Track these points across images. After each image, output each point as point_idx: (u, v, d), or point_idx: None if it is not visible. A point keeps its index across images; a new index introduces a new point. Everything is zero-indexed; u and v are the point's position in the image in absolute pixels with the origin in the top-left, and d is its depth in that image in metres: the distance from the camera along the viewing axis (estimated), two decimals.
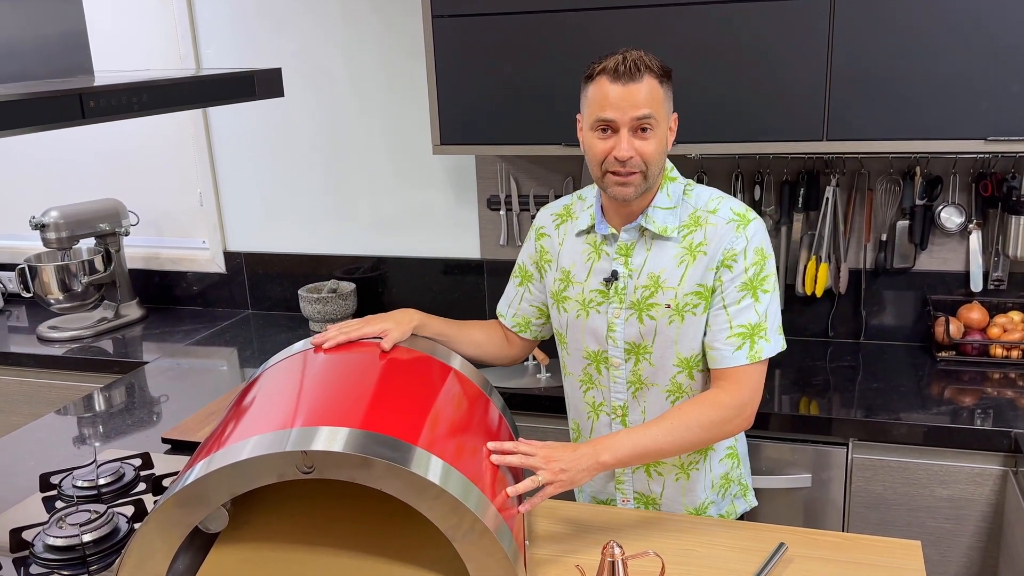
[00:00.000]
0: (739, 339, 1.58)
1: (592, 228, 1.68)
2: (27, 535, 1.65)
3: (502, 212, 2.80)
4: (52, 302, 2.95)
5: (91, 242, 3.08)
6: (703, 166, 2.56)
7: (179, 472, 1.39)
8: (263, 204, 3.10)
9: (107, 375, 2.73)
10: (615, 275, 1.64)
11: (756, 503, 1.85)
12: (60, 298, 2.94)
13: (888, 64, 2.08)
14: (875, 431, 2.06)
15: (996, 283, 2.44)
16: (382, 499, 1.49)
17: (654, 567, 1.46)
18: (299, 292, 2.88)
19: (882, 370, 2.36)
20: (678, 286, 1.60)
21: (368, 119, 2.89)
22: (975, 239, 2.41)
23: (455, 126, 2.43)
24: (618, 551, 1.28)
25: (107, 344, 2.89)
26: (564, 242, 1.73)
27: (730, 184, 2.54)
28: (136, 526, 1.68)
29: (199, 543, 1.38)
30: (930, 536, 2.11)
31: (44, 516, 1.75)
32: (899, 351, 2.50)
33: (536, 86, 2.32)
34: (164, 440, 2.13)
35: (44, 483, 1.85)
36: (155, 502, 1.54)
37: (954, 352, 2.39)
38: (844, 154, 2.42)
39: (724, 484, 1.77)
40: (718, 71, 2.18)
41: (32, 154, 3.33)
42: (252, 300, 3.20)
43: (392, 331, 1.59)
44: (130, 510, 1.75)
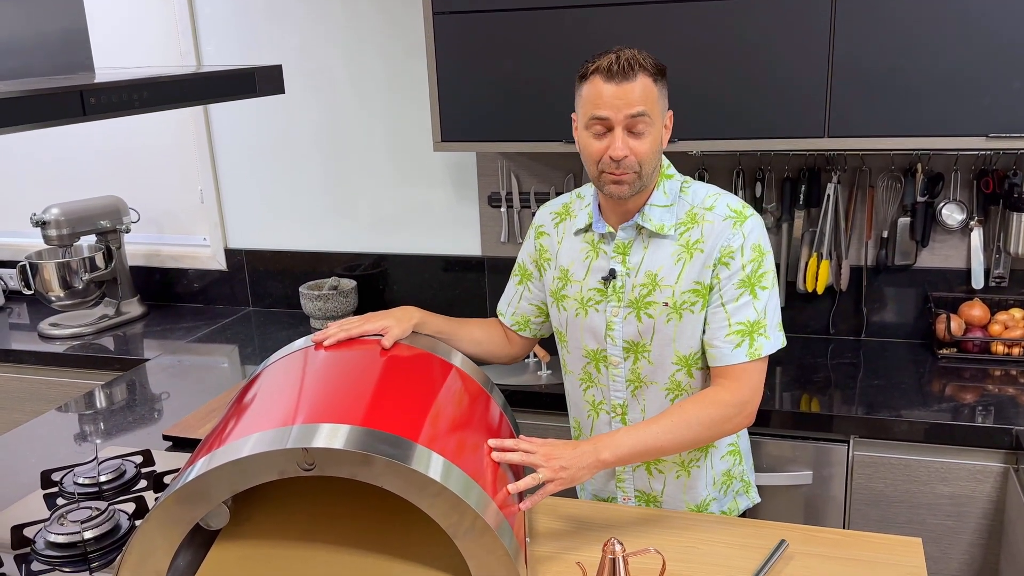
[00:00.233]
0: (738, 336, 1.57)
1: (590, 227, 1.68)
2: (28, 532, 1.65)
3: (503, 209, 2.80)
4: (53, 299, 2.95)
5: (92, 239, 3.08)
6: (704, 163, 2.56)
7: (180, 469, 1.39)
8: (264, 201, 3.10)
9: (108, 372, 2.73)
10: (613, 274, 1.64)
11: (759, 500, 1.85)
12: (61, 295, 2.94)
13: (889, 60, 2.08)
14: (876, 428, 2.06)
15: (997, 280, 2.44)
16: (383, 496, 1.49)
17: (655, 564, 1.46)
18: (300, 289, 2.88)
19: (883, 367, 2.36)
20: (675, 284, 1.60)
21: (369, 116, 2.89)
22: (976, 236, 2.41)
23: (456, 123, 2.42)
24: (619, 548, 1.28)
25: (108, 341, 2.89)
26: (563, 240, 1.73)
27: (731, 181, 2.54)
28: (137, 523, 1.69)
29: (200, 540, 1.38)
30: (931, 533, 2.11)
31: (45, 513, 1.75)
32: (900, 348, 2.50)
33: (537, 83, 2.32)
34: (165, 437, 2.13)
35: (45, 480, 1.86)
36: (156, 499, 1.54)
37: (955, 349, 2.39)
38: (845, 151, 2.42)
39: (726, 481, 1.77)
40: (719, 68, 2.18)
41: (33, 151, 3.33)
42: (253, 297, 3.20)
43: (393, 328, 1.59)
44: (131, 507, 1.75)
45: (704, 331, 1.62)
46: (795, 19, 2.10)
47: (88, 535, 1.62)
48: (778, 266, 2.53)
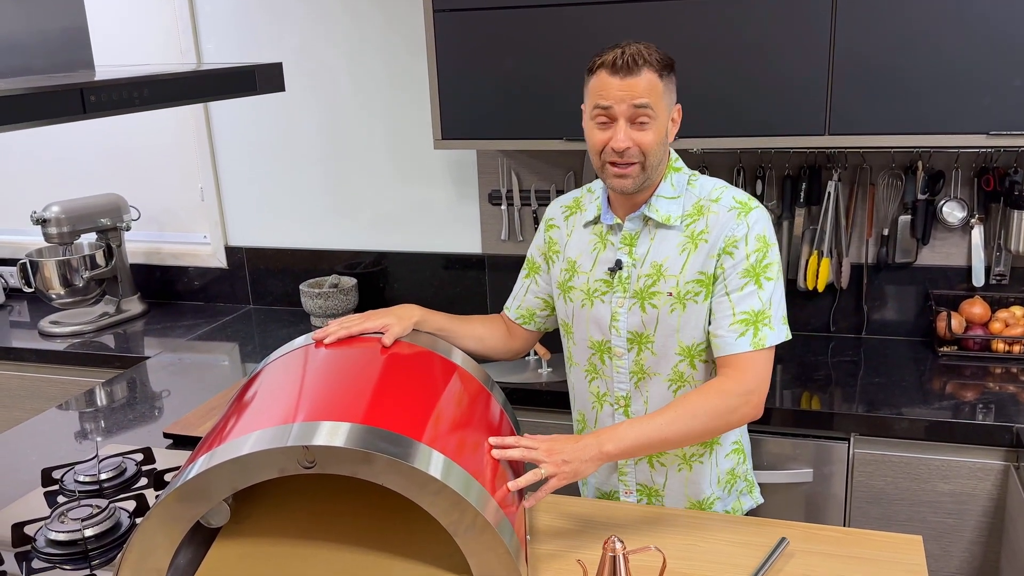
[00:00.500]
0: (742, 326, 1.56)
1: (598, 219, 1.70)
2: (29, 530, 1.65)
3: (503, 207, 2.80)
4: (53, 297, 2.95)
5: (92, 237, 3.08)
6: (704, 161, 2.56)
7: (181, 467, 1.39)
8: (264, 199, 3.09)
9: (108, 370, 2.73)
10: (619, 264, 1.65)
11: (762, 500, 1.85)
12: (61, 293, 2.94)
13: (890, 58, 2.08)
14: (876, 426, 2.06)
15: (998, 278, 2.44)
16: (383, 494, 1.49)
17: (655, 562, 1.46)
18: (300, 287, 2.88)
19: (884, 365, 2.36)
20: (680, 274, 1.61)
21: (369, 114, 2.89)
22: (977, 234, 2.41)
23: (456, 121, 2.42)
24: (619, 546, 1.28)
25: (108, 339, 2.89)
26: (572, 233, 1.75)
27: (732, 179, 2.54)
28: (138, 521, 1.69)
29: (201, 538, 1.38)
30: (932, 531, 2.11)
31: (46, 511, 1.75)
32: (901, 346, 2.49)
33: (537, 81, 2.32)
34: (166, 435, 2.13)
35: (46, 478, 1.86)
36: (157, 497, 1.54)
37: (956, 347, 2.39)
38: (846, 148, 2.42)
39: (730, 480, 1.77)
40: (719, 66, 2.18)
41: (33, 149, 3.33)
42: (253, 295, 3.20)
43: (393, 326, 1.59)
44: (132, 505, 1.75)
45: (709, 322, 1.62)
46: (796, 17, 2.10)
47: (89, 533, 1.62)
48: None
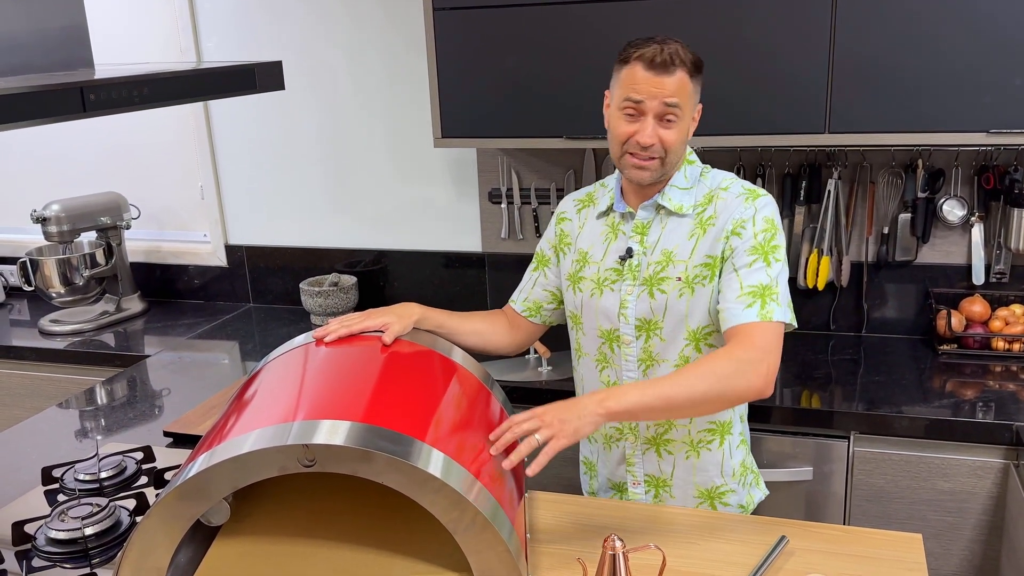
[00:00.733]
0: (750, 298, 1.56)
1: (611, 208, 1.73)
2: (29, 528, 1.65)
3: (503, 205, 2.80)
4: (53, 296, 2.95)
5: (92, 235, 3.08)
6: (705, 159, 2.56)
7: (181, 465, 1.39)
8: (264, 197, 3.09)
9: (109, 368, 2.73)
10: (630, 252, 1.67)
11: (768, 492, 1.86)
12: (61, 291, 2.94)
13: (890, 57, 2.08)
14: (876, 424, 2.06)
15: (998, 276, 2.44)
16: (383, 493, 1.49)
17: (655, 560, 1.46)
18: (300, 286, 2.88)
19: (884, 363, 2.36)
20: (688, 259, 1.63)
21: (369, 112, 2.89)
22: (977, 232, 2.41)
23: (456, 119, 2.42)
24: (619, 544, 1.28)
25: (109, 337, 2.89)
26: (584, 225, 1.78)
27: None
28: (138, 519, 1.69)
29: (201, 536, 1.38)
30: (931, 529, 2.11)
31: (46, 509, 1.75)
32: (901, 344, 2.49)
33: (538, 79, 2.32)
34: (166, 433, 2.13)
35: (46, 476, 1.86)
36: (157, 495, 1.54)
37: (956, 345, 2.39)
38: (846, 147, 2.42)
39: (743, 472, 1.79)
40: (720, 64, 2.17)
41: (33, 147, 3.33)
42: (253, 293, 3.20)
43: (393, 325, 1.60)
44: (132, 503, 1.75)
45: (717, 301, 1.63)
46: (796, 15, 2.10)
47: (89, 531, 1.62)
48: None
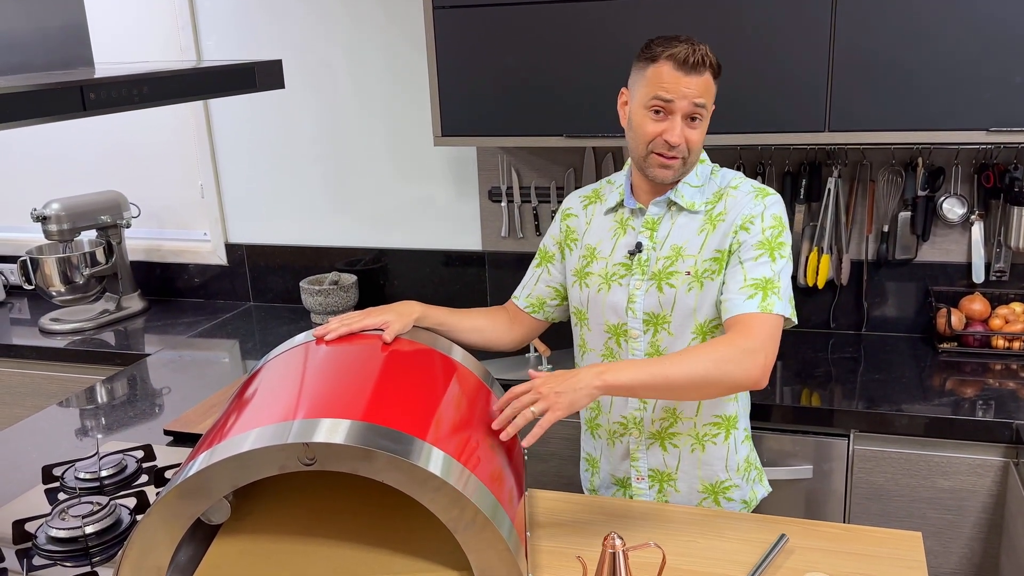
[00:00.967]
0: (752, 290, 1.58)
1: (620, 204, 1.73)
2: (30, 527, 1.66)
3: (503, 204, 2.80)
4: (54, 294, 2.95)
5: (92, 234, 3.08)
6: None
7: (181, 464, 1.39)
8: (264, 196, 3.09)
9: (109, 367, 2.73)
10: (639, 247, 1.68)
11: (771, 489, 1.87)
12: (62, 290, 2.94)
13: (890, 55, 2.08)
14: (876, 422, 2.06)
15: (998, 274, 2.44)
16: (383, 491, 1.50)
17: (655, 559, 1.47)
18: (300, 284, 2.88)
19: (884, 361, 2.36)
20: (698, 253, 1.65)
21: (369, 111, 2.89)
22: (977, 230, 2.41)
23: (456, 118, 2.42)
24: (619, 542, 1.28)
25: (109, 336, 2.89)
26: (591, 221, 1.78)
27: None
28: (138, 518, 1.69)
29: (201, 535, 1.38)
30: (931, 527, 2.11)
31: (47, 508, 1.76)
32: (901, 342, 2.49)
33: (538, 77, 2.32)
34: (166, 432, 2.14)
35: (46, 475, 1.86)
36: (157, 494, 1.54)
37: (956, 343, 2.39)
38: (846, 145, 2.42)
39: (747, 468, 1.80)
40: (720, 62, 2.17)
41: (33, 146, 3.33)
42: (254, 292, 3.20)
43: (393, 323, 1.60)
44: (132, 502, 1.75)
45: (721, 292, 1.65)
46: (796, 13, 2.10)
47: (89, 530, 1.62)
48: None
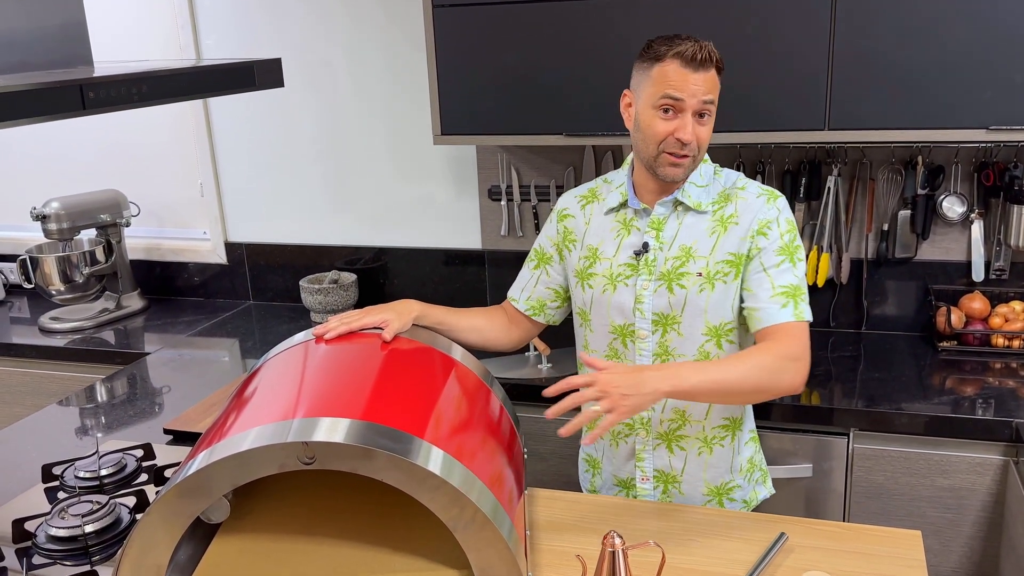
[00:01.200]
0: (783, 298, 1.60)
1: (623, 205, 1.72)
2: (29, 526, 1.66)
3: (503, 202, 2.80)
4: (53, 293, 2.95)
5: (92, 233, 3.08)
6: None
7: (181, 463, 1.39)
8: (264, 195, 3.09)
9: (109, 366, 2.73)
10: (646, 247, 1.67)
11: (774, 491, 1.87)
12: (61, 289, 2.94)
13: (890, 53, 2.07)
14: (876, 421, 2.06)
15: (998, 273, 2.44)
16: (383, 490, 1.50)
17: (654, 557, 1.47)
18: (300, 283, 2.88)
19: (883, 360, 2.36)
20: (710, 255, 1.64)
21: (369, 109, 2.89)
22: (977, 229, 2.41)
23: (456, 116, 2.42)
24: (618, 541, 1.28)
25: (109, 335, 2.89)
26: (590, 221, 1.76)
27: None
28: (138, 517, 1.69)
29: (201, 533, 1.38)
30: (931, 526, 2.11)
31: (46, 507, 1.76)
32: (901, 341, 2.49)
33: (538, 76, 2.32)
34: (166, 431, 2.14)
35: (46, 474, 1.86)
36: (157, 493, 1.54)
37: (956, 342, 2.39)
38: (846, 143, 2.42)
39: (750, 468, 1.80)
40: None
41: (33, 145, 3.32)
42: (253, 291, 3.20)
43: (393, 321, 1.60)
44: (132, 501, 1.75)
45: (743, 299, 1.65)
46: (796, 11, 2.10)
47: (89, 529, 1.62)
48: None
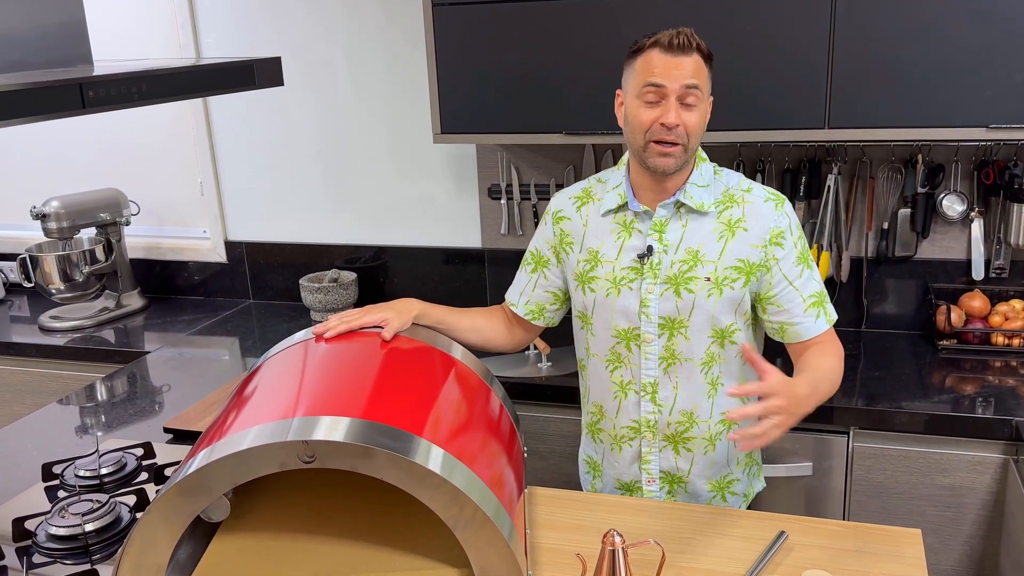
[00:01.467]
0: (815, 308, 1.65)
1: (622, 207, 1.69)
2: (30, 524, 1.66)
3: (503, 201, 2.80)
4: (53, 292, 2.95)
5: (92, 232, 3.08)
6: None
7: (181, 461, 1.39)
8: (264, 193, 3.09)
9: (109, 365, 2.73)
10: (650, 250, 1.65)
11: (765, 485, 1.87)
12: (61, 288, 2.94)
13: (890, 52, 2.07)
14: (876, 420, 2.06)
15: (998, 271, 2.44)
16: (383, 488, 1.50)
17: (654, 556, 1.47)
18: (300, 282, 2.88)
19: (883, 358, 2.36)
20: (718, 260, 1.63)
21: (369, 108, 2.89)
22: (977, 227, 2.41)
23: (456, 115, 2.42)
24: (618, 540, 1.28)
25: (109, 334, 2.89)
26: (588, 223, 1.73)
27: None
28: (138, 515, 1.69)
29: (201, 532, 1.38)
30: (931, 524, 2.11)
31: (47, 506, 1.76)
32: (900, 339, 2.50)
33: (537, 75, 2.32)
34: (166, 429, 2.14)
35: (46, 473, 1.86)
36: (157, 491, 1.54)
37: (955, 340, 2.39)
38: (845, 142, 2.42)
39: (748, 463, 1.80)
40: (719, 59, 2.17)
41: (32, 144, 3.32)
42: (253, 290, 3.20)
43: (393, 320, 1.60)
44: (132, 499, 1.75)
45: (767, 311, 1.67)
46: (796, 10, 2.10)
47: (89, 527, 1.62)
48: None
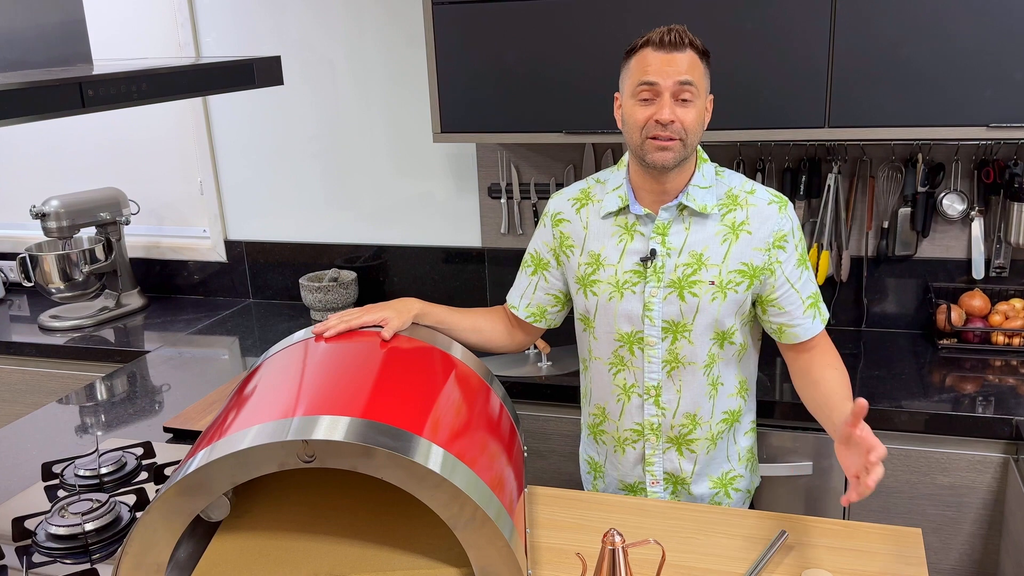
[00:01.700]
0: (812, 310, 1.69)
1: (623, 209, 1.68)
2: (29, 524, 1.66)
3: (503, 200, 2.79)
4: (53, 291, 2.95)
5: (92, 231, 3.08)
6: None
7: (181, 461, 1.39)
8: (264, 193, 3.09)
9: (109, 364, 2.73)
10: (653, 254, 1.64)
11: (760, 479, 1.89)
12: (61, 287, 2.94)
13: (890, 51, 2.07)
14: (876, 419, 2.06)
15: (998, 270, 2.44)
16: (383, 488, 1.50)
17: (655, 555, 1.47)
18: (300, 281, 2.88)
19: (883, 358, 2.36)
20: (722, 263, 1.63)
21: (369, 107, 2.89)
22: (977, 226, 2.41)
23: (456, 114, 2.42)
24: (619, 539, 1.28)
25: (108, 333, 2.89)
26: (588, 226, 1.72)
27: None
28: (138, 515, 1.69)
29: (201, 531, 1.38)
30: (931, 524, 2.11)
31: (46, 505, 1.76)
32: (900, 339, 2.49)
33: (537, 73, 2.32)
34: (166, 429, 2.14)
35: (46, 472, 1.86)
36: (157, 491, 1.54)
37: (956, 340, 2.39)
38: (846, 141, 2.42)
39: (749, 458, 1.81)
40: (719, 58, 2.17)
41: (32, 143, 3.32)
42: (253, 289, 3.20)
43: (393, 320, 1.59)
44: (132, 499, 1.75)
45: (766, 311, 1.68)
46: (796, 9, 2.10)
47: (89, 527, 1.62)
48: None
